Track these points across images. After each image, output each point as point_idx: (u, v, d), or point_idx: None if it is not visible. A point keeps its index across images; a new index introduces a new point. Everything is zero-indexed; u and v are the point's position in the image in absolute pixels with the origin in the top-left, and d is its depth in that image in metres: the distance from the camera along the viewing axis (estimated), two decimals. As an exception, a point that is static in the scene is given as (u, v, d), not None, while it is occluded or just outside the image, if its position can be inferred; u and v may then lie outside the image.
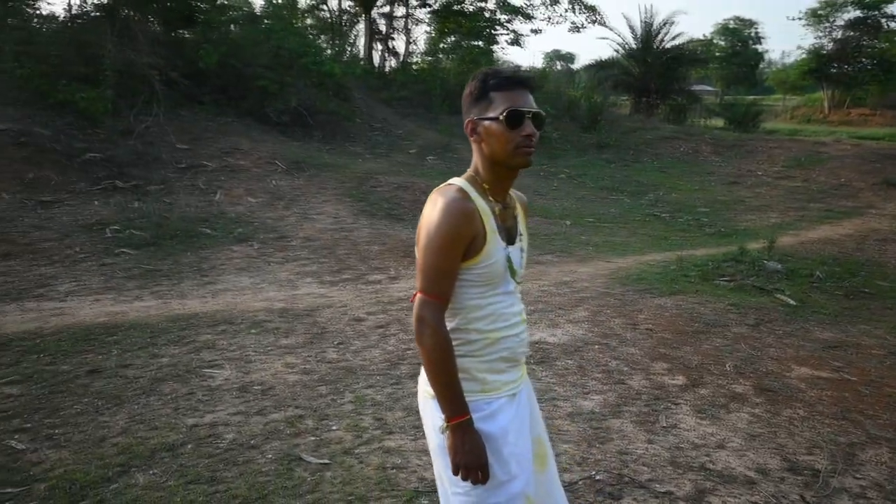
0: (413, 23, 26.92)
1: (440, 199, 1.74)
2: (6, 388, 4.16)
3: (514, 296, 1.86)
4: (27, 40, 12.33)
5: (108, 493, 3.06)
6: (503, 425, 1.80)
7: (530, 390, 2.01)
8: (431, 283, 1.74)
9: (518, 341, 1.87)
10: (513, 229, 1.87)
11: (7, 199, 8.69)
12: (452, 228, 1.70)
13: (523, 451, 1.83)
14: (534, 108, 1.76)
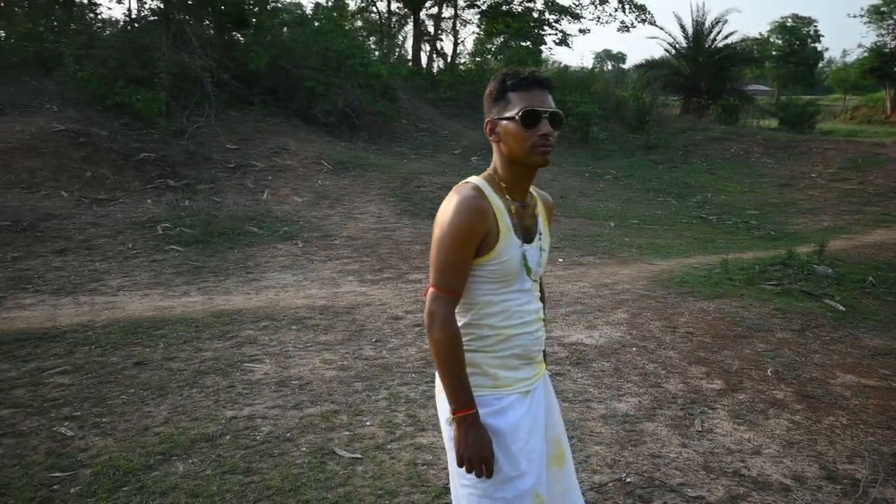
0: (461, 24, 27.06)
1: (454, 196, 1.78)
2: (58, 377, 4.35)
3: (529, 293, 1.87)
4: (88, 44, 12.85)
5: (148, 480, 3.18)
6: (513, 421, 1.82)
7: (549, 389, 2.01)
8: (442, 278, 1.77)
9: (532, 339, 1.88)
10: (531, 228, 1.89)
11: (66, 197, 9.05)
12: (463, 225, 1.73)
13: (535, 449, 1.83)
14: (550, 107, 1.77)
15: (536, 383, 1.93)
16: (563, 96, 18.89)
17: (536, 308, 1.91)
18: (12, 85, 12.24)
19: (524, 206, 1.88)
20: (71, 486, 3.12)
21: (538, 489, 1.81)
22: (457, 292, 1.79)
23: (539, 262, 1.90)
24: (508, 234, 1.79)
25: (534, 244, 1.88)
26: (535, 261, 1.88)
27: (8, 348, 4.79)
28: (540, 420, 1.90)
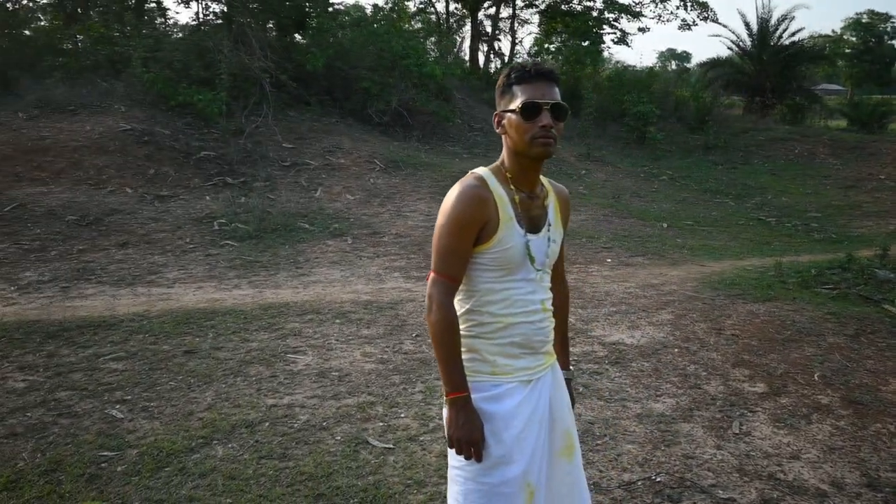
0: (518, 23, 26.97)
1: (457, 185, 1.84)
2: (113, 363, 4.57)
3: (534, 283, 1.89)
4: (155, 48, 13.36)
5: (189, 462, 3.32)
6: (508, 409, 1.84)
7: (558, 381, 2.02)
8: (441, 263, 1.83)
9: (534, 329, 1.89)
10: (539, 219, 1.90)
11: (130, 194, 9.45)
12: (461, 212, 1.79)
13: (529, 438, 1.84)
14: (552, 99, 1.79)
15: (541, 374, 1.93)
16: (620, 96, 18.64)
17: (542, 298, 1.92)
18: (85, 87, 12.86)
19: (531, 197, 1.90)
20: (117, 465, 3.29)
21: (529, 479, 1.83)
22: (455, 278, 1.84)
23: (547, 252, 1.91)
24: (509, 224, 1.82)
25: (541, 235, 1.89)
26: (542, 251, 1.89)
27: (69, 335, 5.06)
28: (541, 411, 1.89)
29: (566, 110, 1.82)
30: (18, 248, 7.40)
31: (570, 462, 1.97)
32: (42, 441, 3.51)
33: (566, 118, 1.83)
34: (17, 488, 3.05)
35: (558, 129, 1.81)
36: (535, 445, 1.86)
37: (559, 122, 1.80)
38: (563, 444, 1.95)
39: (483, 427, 1.81)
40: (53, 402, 3.98)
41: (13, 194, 8.84)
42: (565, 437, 1.96)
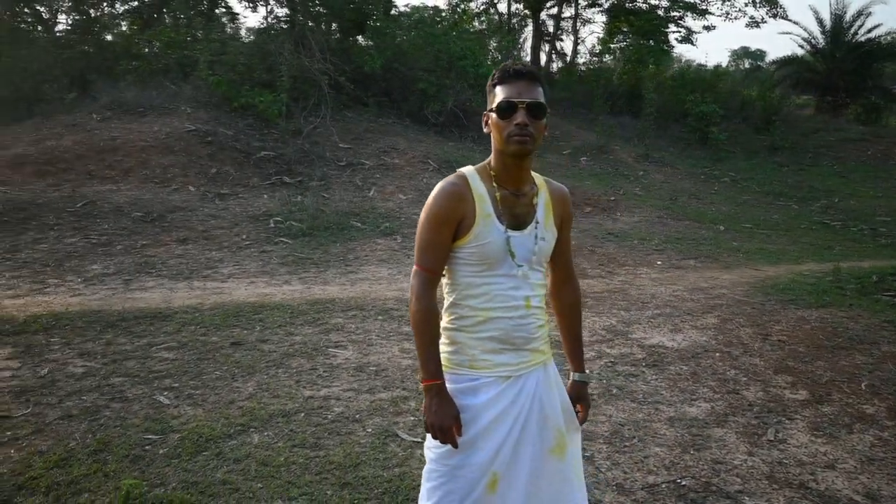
0: (581, 23, 26.69)
1: (439, 182, 1.91)
2: (165, 352, 4.80)
3: (517, 279, 1.91)
4: (221, 51, 13.85)
5: (226, 448, 3.48)
6: (482, 402, 1.89)
7: (550, 380, 2.01)
8: (420, 255, 1.92)
9: (514, 325, 1.91)
10: (524, 216, 1.93)
11: (192, 192, 9.85)
12: (436, 207, 1.87)
13: (500, 430, 1.88)
14: (528, 98, 1.82)
15: (524, 371, 1.94)
16: (683, 96, 18.26)
17: (527, 295, 1.93)
18: (155, 89, 13.42)
19: (516, 195, 1.93)
20: (160, 448, 3.47)
21: (494, 467, 1.87)
22: (433, 270, 1.91)
23: (533, 250, 1.92)
24: (487, 220, 1.87)
25: (526, 232, 1.92)
26: (527, 248, 1.91)
27: (127, 325, 5.33)
28: (520, 407, 1.91)
29: (543, 108, 1.85)
30: (87, 243, 7.82)
31: (562, 461, 1.97)
32: (94, 423, 3.73)
33: (544, 116, 1.85)
34: (66, 466, 3.26)
35: (536, 128, 1.83)
36: (506, 437, 1.88)
37: (537, 120, 1.83)
38: (554, 442, 1.96)
39: (457, 415, 1.87)
40: (107, 387, 4.22)
41: (85, 191, 9.33)
42: (557, 435, 1.96)
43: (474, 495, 1.87)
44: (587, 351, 4.94)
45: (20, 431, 3.60)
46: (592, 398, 4.11)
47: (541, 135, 1.87)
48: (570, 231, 2.12)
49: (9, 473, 3.17)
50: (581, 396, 2.13)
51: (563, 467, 1.98)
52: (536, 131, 1.84)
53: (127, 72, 14.51)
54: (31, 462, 3.28)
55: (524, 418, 1.91)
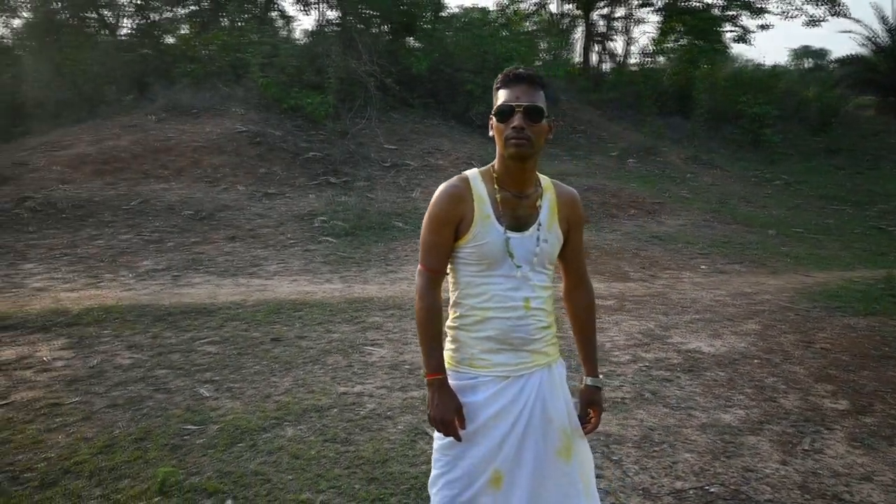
0: (633, 23, 26.36)
1: (442, 184, 1.97)
2: (207, 346, 4.97)
3: (516, 280, 1.93)
4: (272, 54, 14.16)
5: (260, 440, 3.59)
6: (480, 400, 1.94)
7: (555, 382, 2.02)
8: (423, 256, 1.99)
9: (511, 325, 1.93)
10: (525, 218, 1.95)
11: (241, 191, 10.11)
12: (436, 208, 1.93)
13: (500, 428, 1.92)
14: (526, 102, 1.84)
15: (523, 372, 1.96)
16: (736, 96, 17.86)
17: (527, 296, 1.94)
18: (209, 91, 13.82)
19: (518, 197, 1.95)
20: (198, 438, 3.60)
21: (496, 465, 1.91)
22: (434, 269, 1.97)
23: (534, 251, 1.94)
24: (486, 221, 1.90)
25: (527, 233, 1.94)
26: (528, 249, 1.93)
27: (173, 319, 5.53)
28: (521, 408, 1.93)
29: (541, 112, 1.86)
30: (140, 239, 8.11)
31: (568, 463, 1.98)
32: (137, 412, 3.89)
33: (541, 119, 1.87)
34: (110, 452, 3.41)
35: (534, 131, 1.85)
36: (508, 435, 1.92)
37: (534, 123, 1.85)
38: (560, 444, 1.97)
39: (458, 408, 1.92)
40: (152, 378, 4.39)
41: (140, 190, 9.68)
42: (563, 437, 1.98)
43: (475, 487, 1.92)
44: (622, 354, 4.92)
45: (69, 418, 3.79)
46: (624, 402, 4.11)
47: (540, 138, 1.88)
48: (581, 235, 2.11)
49: (56, 458, 3.34)
50: (593, 401, 2.12)
51: (570, 470, 1.99)
52: (534, 134, 1.86)
53: (183, 74, 14.97)
54: (77, 447, 3.45)
55: (526, 418, 1.93)
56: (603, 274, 7.36)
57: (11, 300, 5.96)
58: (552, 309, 2.06)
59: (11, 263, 7.19)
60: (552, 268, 2.04)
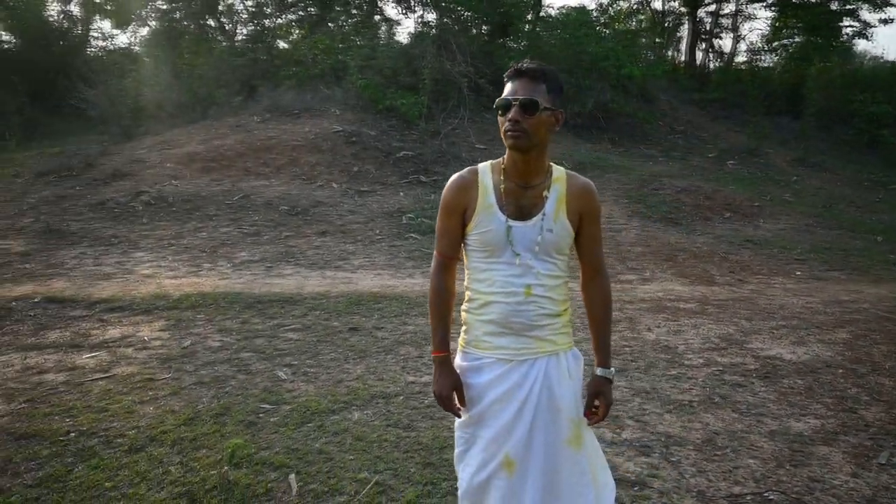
0: (742, 20, 25.27)
1: None
2: (290, 333, 5.25)
3: (519, 267, 1.98)
4: (371, 56, 14.62)
5: (328, 422, 3.79)
6: (484, 381, 2.02)
7: (563, 371, 2.05)
8: (437, 242, 2.11)
9: (512, 311, 1.99)
10: (529, 208, 2.00)
11: (335, 188, 10.52)
12: (445, 197, 2.05)
13: (507, 411, 1.98)
14: (522, 95, 1.89)
15: (527, 357, 2.01)
16: (851, 95, 16.81)
17: (529, 283, 1.99)
18: (310, 93, 14.42)
19: (524, 187, 2.00)
20: (271, 417, 3.85)
21: (508, 451, 1.97)
22: (446, 255, 2.07)
23: (536, 240, 1.98)
24: (488, 210, 1.98)
25: (530, 223, 1.98)
26: (530, 238, 1.98)
27: (262, 307, 5.87)
28: (526, 393, 1.99)
29: (534, 105, 1.89)
30: (239, 232, 8.62)
31: (578, 452, 2.02)
32: (220, 390, 4.19)
33: (537, 112, 1.90)
34: (192, 424, 3.70)
35: (529, 124, 1.89)
36: (516, 420, 1.98)
37: (529, 116, 1.89)
38: (570, 433, 2.02)
39: (456, 385, 2.05)
40: (237, 360, 4.70)
41: (242, 186, 10.26)
42: (571, 427, 2.02)
43: (489, 468, 2.00)
44: (695, 358, 4.82)
45: (160, 392, 4.13)
46: (691, 405, 4.05)
47: (539, 130, 1.92)
48: (595, 226, 2.11)
49: (145, 426, 3.66)
50: (600, 392, 2.11)
51: (580, 459, 2.02)
52: (530, 127, 1.90)
53: (287, 77, 15.70)
54: (164, 419, 3.77)
55: (534, 404, 1.98)
56: (687, 277, 7.18)
57: (121, 285, 6.50)
58: (564, 298, 2.09)
59: (124, 252, 7.82)
60: (562, 257, 2.07)
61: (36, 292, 6.13)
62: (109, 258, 7.57)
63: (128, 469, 3.24)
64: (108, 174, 10.86)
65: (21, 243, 8.07)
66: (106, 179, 10.66)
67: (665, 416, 3.93)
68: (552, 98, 1.95)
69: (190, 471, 3.23)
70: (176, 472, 3.21)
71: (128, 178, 10.60)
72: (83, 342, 5.01)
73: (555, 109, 1.97)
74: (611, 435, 3.69)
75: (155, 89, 16.03)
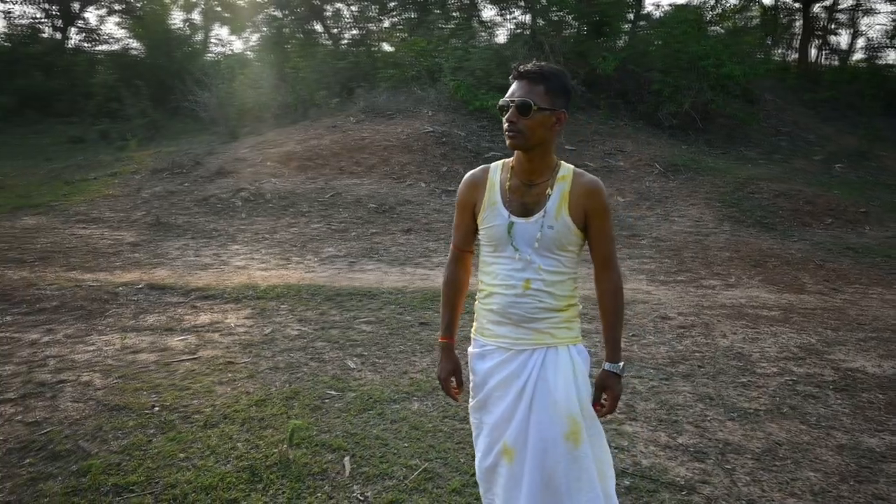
0: (860, 14, 23.77)
1: None
2: (364, 325, 5.47)
3: (518, 262, 2.06)
4: (464, 58, 14.80)
5: (388, 410, 3.95)
6: (488, 367, 2.13)
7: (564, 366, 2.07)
8: (453, 234, 2.25)
9: (509, 302, 2.07)
10: (531, 205, 2.05)
11: (423, 188, 10.76)
12: (458, 193, 2.18)
13: (506, 399, 2.08)
14: (518, 98, 1.97)
15: (525, 347, 2.08)
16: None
17: (528, 277, 2.05)
18: (404, 94, 14.79)
19: (528, 185, 2.07)
20: (336, 403, 4.05)
21: (506, 440, 2.05)
22: (458, 247, 2.21)
23: (536, 237, 2.03)
24: (493, 206, 2.07)
25: (532, 220, 2.04)
26: (530, 234, 2.03)
27: (341, 300, 6.13)
28: (523, 383, 2.05)
29: (528, 106, 1.96)
30: (328, 228, 8.99)
31: (577, 448, 2.03)
32: (292, 376, 4.44)
33: (530, 113, 1.96)
34: (262, 406, 3.96)
35: (525, 124, 1.96)
36: (513, 408, 2.05)
37: (524, 117, 1.96)
38: (568, 428, 2.03)
39: (452, 371, 2.26)
40: (311, 348, 4.95)
41: (334, 184, 10.68)
42: (570, 422, 2.03)
43: (493, 455, 2.11)
44: (769, 366, 4.66)
45: (238, 375, 4.43)
46: (756, 413, 3.94)
47: (535, 130, 1.97)
48: (603, 223, 2.10)
49: (220, 405, 3.95)
50: (607, 385, 2.14)
51: (580, 454, 2.03)
52: (525, 127, 1.97)
53: (384, 79, 16.15)
54: (238, 399, 4.04)
55: (530, 395, 2.03)
56: (775, 284, 6.89)
57: (216, 275, 6.95)
58: (568, 294, 2.12)
59: (222, 244, 8.35)
60: (566, 254, 2.09)
61: (141, 279, 6.66)
62: (208, 250, 8.09)
63: (200, 443, 3.52)
64: (212, 172, 11.58)
65: (132, 234, 8.77)
66: (210, 177, 11.37)
67: (727, 423, 3.84)
68: (551, 99, 2.00)
69: (255, 447, 3.47)
70: (242, 448, 3.46)
71: (230, 176, 11.26)
72: (176, 326, 5.41)
73: (554, 110, 2.00)
74: (666, 438, 3.66)
75: (260, 92, 16.92)
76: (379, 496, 3.09)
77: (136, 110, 18.38)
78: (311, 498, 3.06)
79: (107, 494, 3.04)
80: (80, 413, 3.84)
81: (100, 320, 5.51)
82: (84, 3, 27.67)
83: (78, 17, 27.95)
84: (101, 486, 3.10)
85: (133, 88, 18.50)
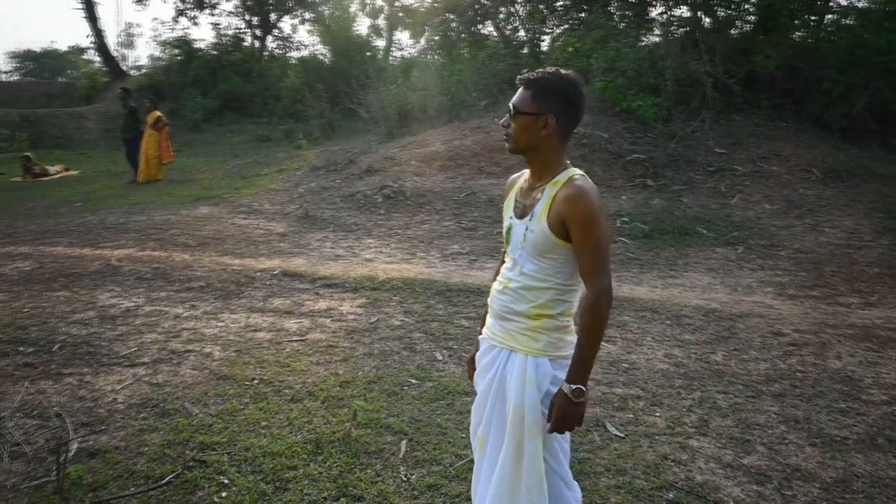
0: None
1: None
2: (463, 321, 5.67)
3: (510, 261, 2.21)
4: (615, 59, 14.50)
5: (458, 402, 4.14)
6: (478, 355, 2.37)
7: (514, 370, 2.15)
8: None
9: (494, 297, 2.26)
10: (529, 208, 2.14)
11: (558, 189, 10.74)
12: None
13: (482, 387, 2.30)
14: (512, 103, 2.10)
15: (496, 343, 2.24)
16: None
17: (510, 277, 2.19)
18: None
19: (532, 188, 2.16)
20: (413, 391, 4.31)
21: (480, 429, 2.25)
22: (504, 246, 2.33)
23: (520, 241, 2.14)
24: (507, 207, 2.23)
25: (521, 222, 2.13)
26: (517, 237, 2.15)
27: (449, 294, 6.38)
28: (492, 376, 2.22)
29: (512, 110, 2.10)
30: (458, 226, 9.31)
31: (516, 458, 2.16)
32: (382, 362, 4.76)
33: (517, 117, 2.09)
34: (346, 387, 4.32)
35: (512, 129, 2.10)
36: (485, 399, 2.22)
37: (512, 121, 2.09)
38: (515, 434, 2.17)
39: (471, 359, 2.45)
40: (407, 339, 5.26)
41: (471, 184, 10.99)
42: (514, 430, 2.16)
43: (474, 441, 2.36)
44: (879, 393, 4.32)
45: (334, 358, 4.83)
46: (844, 441, 3.69)
47: (521, 134, 2.09)
48: (580, 233, 2.02)
49: (310, 383, 4.36)
50: (553, 403, 2.08)
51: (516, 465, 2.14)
52: (513, 132, 2.10)
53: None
54: (327, 379, 4.43)
55: (496, 389, 2.15)
56: None
57: (344, 266, 7.49)
58: (540, 303, 2.14)
59: (358, 238, 8.94)
60: (547, 261, 2.10)
61: (278, 266, 7.35)
62: (345, 242, 8.71)
63: (283, 414, 3.93)
64: (363, 169, 12.35)
65: (283, 226, 9.63)
66: (360, 174, 12.13)
67: (805, 448, 3.62)
68: (538, 104, 2.06)
69: (326, 423, 3.82)
70: (315, 423, 3.83)
71: (377, 174, 11.95)
72: (296, 310, 5.96)
73: (539, 114, 2.06)
74: (731, 457, 3.53)
75: (421, 94, 17.66)
76: (422, 480, 3.30)
77: (316, 111, 20.12)
78: (360, 473, 3.33)
79: (193, 449, 3.51)
80: (195, 379, 4.41)
81: (235, 300, 6.20)
82: (280, 13, 30.56)
83: (274, 26, 30.90)
84: (189, 441, 3.58)
85: (315, 91, 20.23)
